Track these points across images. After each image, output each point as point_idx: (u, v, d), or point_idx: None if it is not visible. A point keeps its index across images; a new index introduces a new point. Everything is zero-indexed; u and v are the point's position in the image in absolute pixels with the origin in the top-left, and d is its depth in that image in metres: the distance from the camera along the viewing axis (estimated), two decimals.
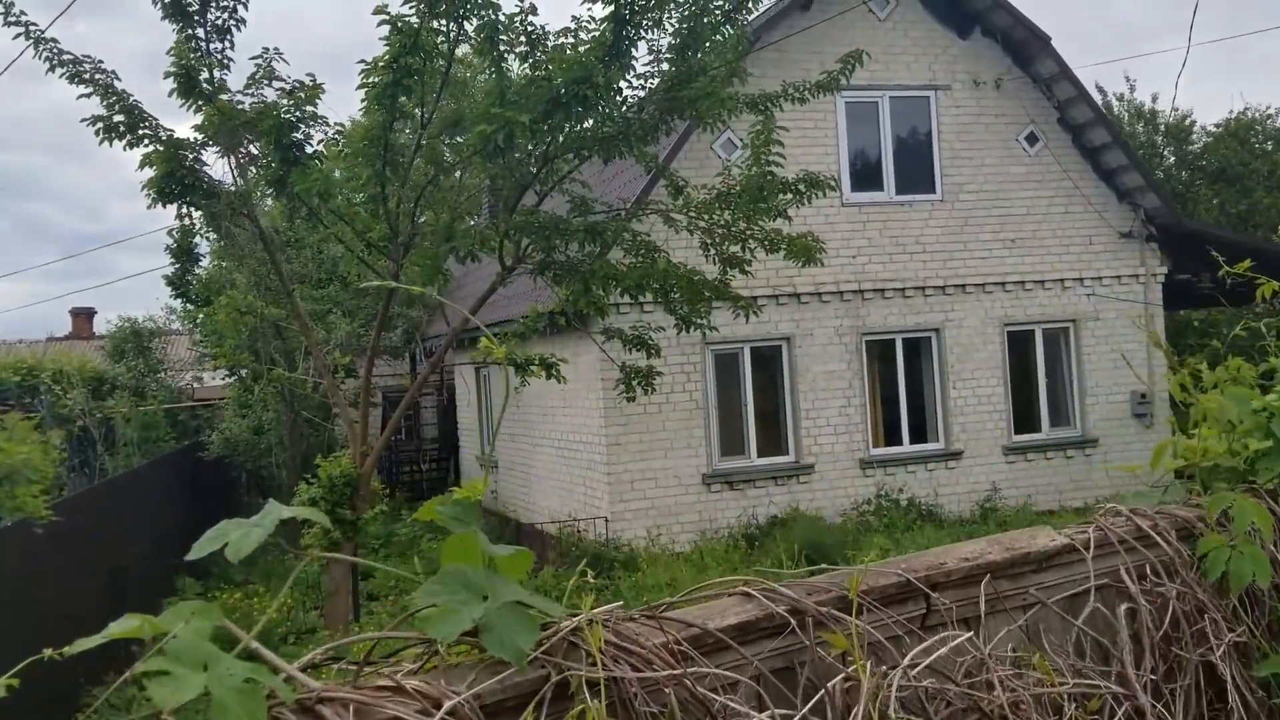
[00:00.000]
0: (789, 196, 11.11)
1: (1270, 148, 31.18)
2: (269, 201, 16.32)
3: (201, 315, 18.20)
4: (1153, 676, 2.19)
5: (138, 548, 12.99)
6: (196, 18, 10.35)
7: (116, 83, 10.38)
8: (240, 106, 10.07)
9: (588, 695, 1.63)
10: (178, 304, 21.95)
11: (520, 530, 15.54)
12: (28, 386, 18.28)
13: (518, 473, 18.33)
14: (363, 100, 9.42)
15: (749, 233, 10.67)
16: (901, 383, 15.53)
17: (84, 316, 35.21)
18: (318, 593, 14.30)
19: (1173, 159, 31.07)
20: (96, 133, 10.46)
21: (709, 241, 11.43)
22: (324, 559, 12.51)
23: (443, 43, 9.77)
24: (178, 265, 16.42)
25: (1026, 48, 15.84)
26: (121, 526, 12.73)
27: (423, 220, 11.55)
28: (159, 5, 10.03)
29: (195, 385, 21.64)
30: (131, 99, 10.49)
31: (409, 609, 1.74)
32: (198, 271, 20.66)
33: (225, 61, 10.69)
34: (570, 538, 14.25)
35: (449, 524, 1.81)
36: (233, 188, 11.25)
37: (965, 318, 15.74)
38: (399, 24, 8.81)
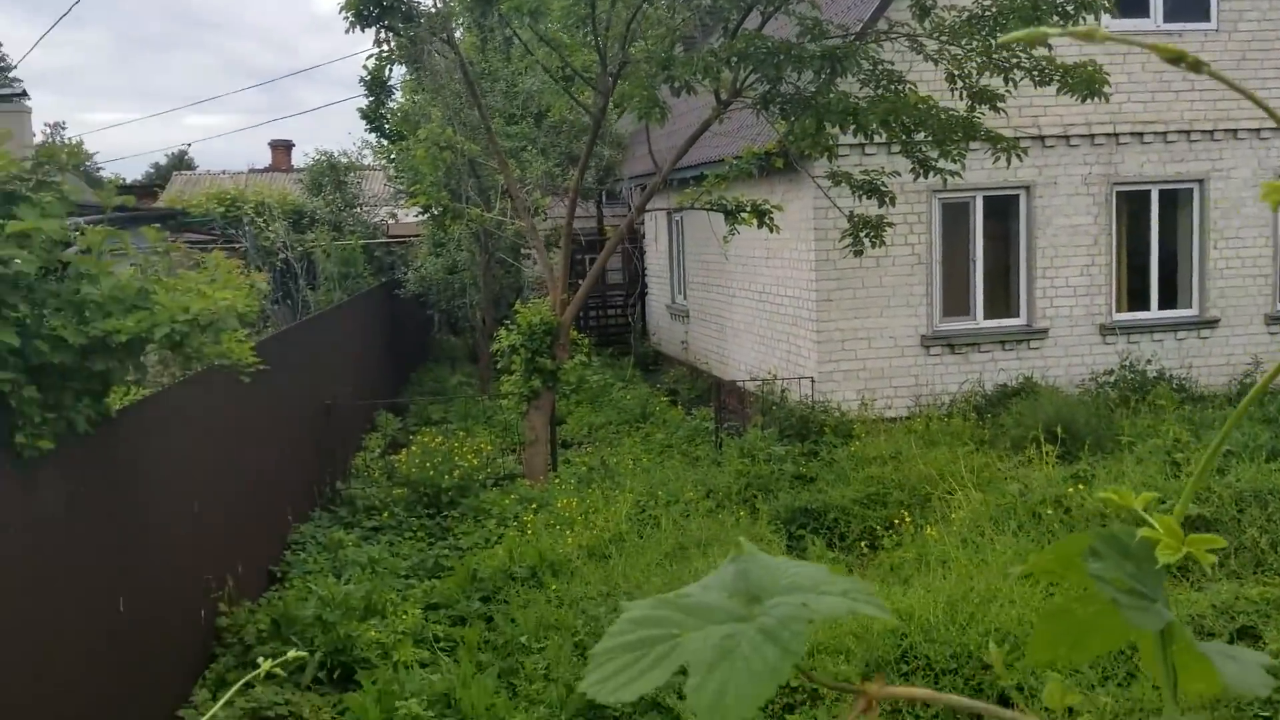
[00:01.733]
0: (1057, 20, 9.48)
1: None
2: (459, 32, 15.49)
3: (396, 151, 17.79)
4: None
5: (341, 384, 12.90)
6: None
7: None
8: None
9: None
10: (372, 138, 21.69)
11: (719, 387, 14.79)
12: (231, 218, 18.44)
13: (711, 324, 17.52)
14: None
15: (1015, 61, 9.15)
16: (1154, 240, 13.76)
17: (283, 149, 35.72)
18: (515, 435, 14.05)
19: None
20: None
21: (957, 73, 9.96)
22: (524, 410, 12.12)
23: None
24: (372, 98, 15.70)
25: None
26: (325, 362, 12.61)
27: (633, 48, 10.48)
28: None
29: (390, 221, 21.51)
30: None
31: None
32: (391, 105, 20.25)
33: None
34: (771, 396, 13.41)
35: (1117, 598, 0.88)
36: (433, 9, 10.43)
37: (1235, 167, 13.71)
38: None
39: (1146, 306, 13.78)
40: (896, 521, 8.84)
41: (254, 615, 7.98)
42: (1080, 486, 7.67)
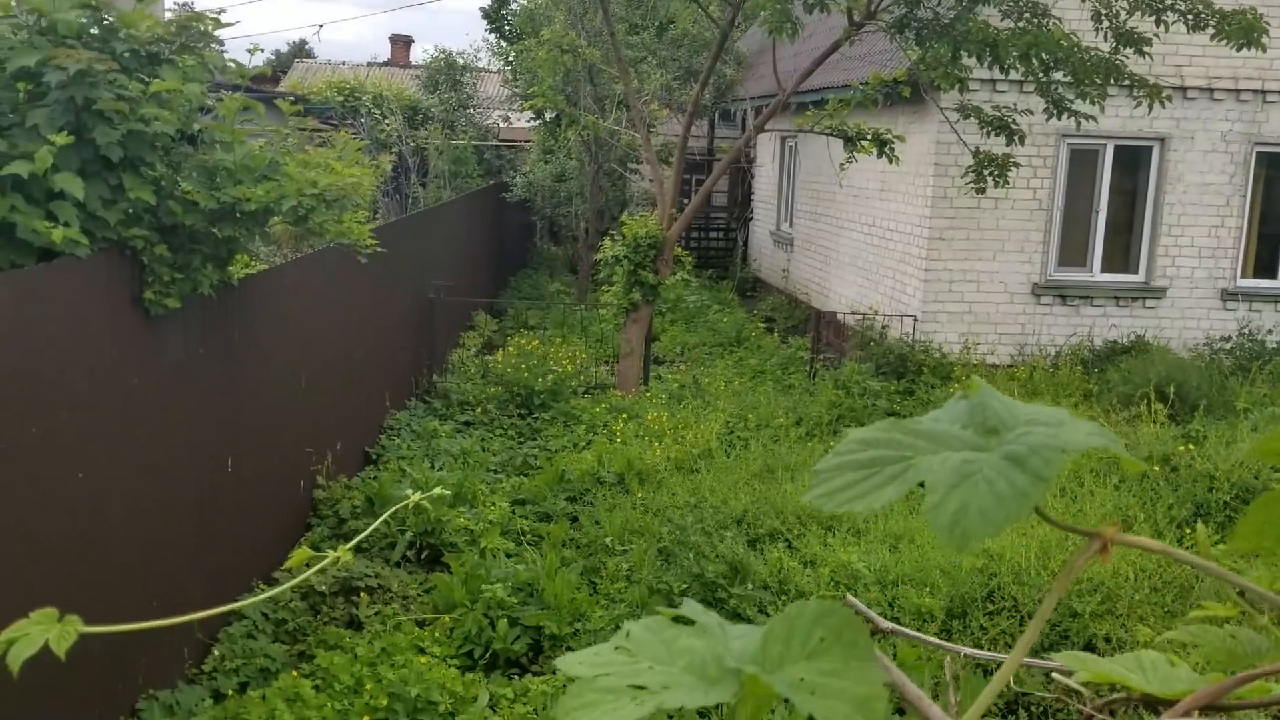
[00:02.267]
0: None
1: None
2: None
3: (516, 52, 17.74)
4: None
5: (444, 280, 13.08)
6: None
7: None
8: None
9: None
10: (491, 38, 21.63)
11: (819, 318, 14.64)
12: (349, 108, 18.65)
13: (815, 255, 17.29)
14: None
15: (1168, 3, 8.68)
16: None
17: (403, 44, 35.86)
18: (609, 347, 14.14)
19: None
20: None
21: (1104, 11, 9.50)
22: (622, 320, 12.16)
23: None
24: None
25: None
26: (431, 258, 12.79)
27: None
28: None
29: (502, 125, 21.55)
30: None
31: None
32: (513, 6, 20.13)
33: None
34: (870, 332, 13.24)
35: None
36: None
37: None
38: None
39: (1273, 275, 13.19)
40: None
41: (350, 491, 8.24)
42: (1190, 446, 7.44)
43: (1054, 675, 1.22)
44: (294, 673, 5.97)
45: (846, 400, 10.89)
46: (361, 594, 6.76)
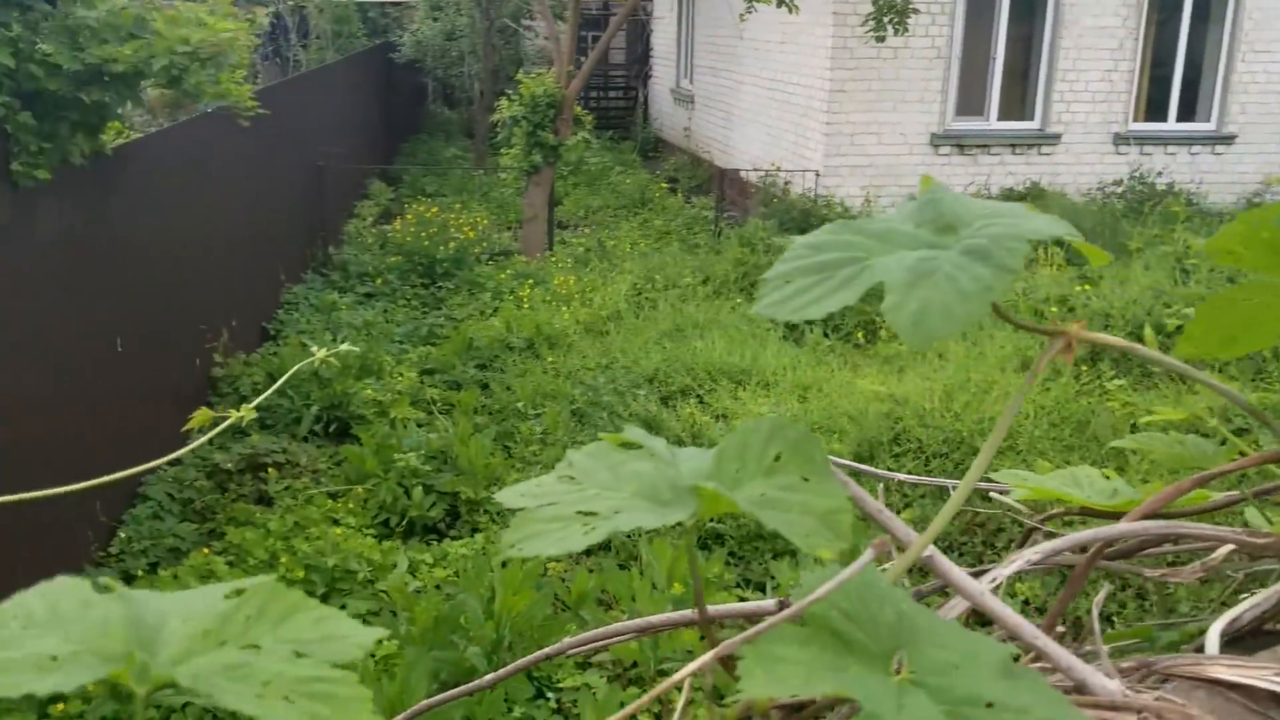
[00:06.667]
0: None
1: None
2: None
3: None
4: None
5: (333, 147, 12.57)
6: None
7: None
8: None
9: None
10: None
11: (723, 176, 14.50)
12: None
13: (717, 111, 17.05)
14: None
15: None
16: (1181, 48, 13.27)
17: None
18: (511, 212, 13.87)
19: None
20: None
21: None
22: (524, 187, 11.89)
23: None
24: None
25: None
26: (317, 123, 12.25)
27: None
28: None
29: None
30: None
31: None
32: None
33: None
34: (773, 188, 13.20)
35: None
36: None
37: None
38: None
39: (1164, 118, 13.44)
40: None
41: (249, 368, 8.03)
42: (1086, 286, 7.64)
43: (992, 495, 1.20)
44: (205, 550, 5.88)
45: (752, 258, 10.90)
46: (269, 469, 6.64)
